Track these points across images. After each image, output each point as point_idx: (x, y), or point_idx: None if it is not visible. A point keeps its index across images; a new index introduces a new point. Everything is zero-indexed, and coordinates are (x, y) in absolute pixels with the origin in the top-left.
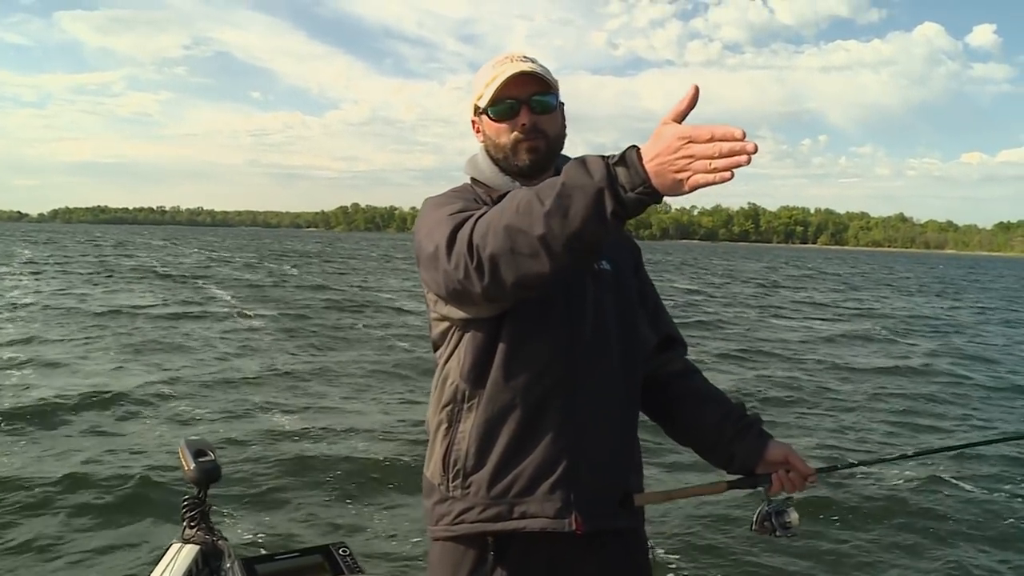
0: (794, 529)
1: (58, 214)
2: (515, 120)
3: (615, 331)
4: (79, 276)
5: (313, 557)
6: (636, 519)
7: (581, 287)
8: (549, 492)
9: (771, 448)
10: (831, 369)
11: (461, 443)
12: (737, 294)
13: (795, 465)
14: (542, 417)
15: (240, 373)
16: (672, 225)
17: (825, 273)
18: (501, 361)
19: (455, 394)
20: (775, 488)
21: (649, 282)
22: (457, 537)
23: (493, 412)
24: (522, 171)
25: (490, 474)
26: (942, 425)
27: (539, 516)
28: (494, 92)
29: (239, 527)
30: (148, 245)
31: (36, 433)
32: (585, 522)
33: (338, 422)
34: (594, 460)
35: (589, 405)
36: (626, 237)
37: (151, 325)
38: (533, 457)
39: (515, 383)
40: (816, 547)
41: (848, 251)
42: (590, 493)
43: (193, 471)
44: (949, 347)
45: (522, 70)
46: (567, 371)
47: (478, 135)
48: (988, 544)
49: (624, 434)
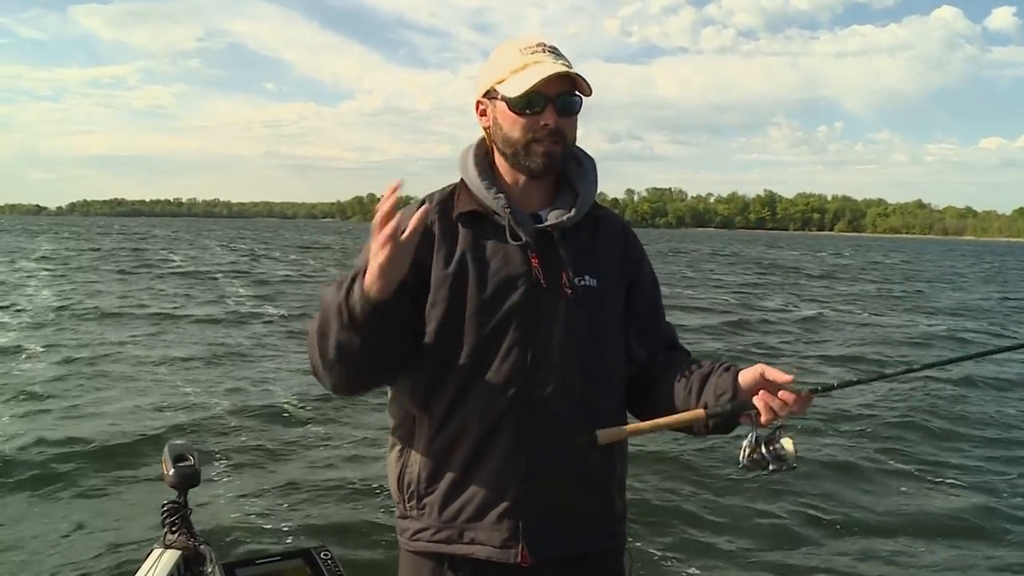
0: (790, 460)
1: (76, 207)
2: (537, 118)
3: (587, 351)
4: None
5: (294, 561)
6: (612, 541)
7: (550, 305)
8: (496, 521)
9: (743, 373)
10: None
11: (413, 465)
12: (815, 289)
13: (776, 378)
14: (493, 442)
15: (238, 372)
16: (688, 213)
17: (876, 264)
18: (452, 385)
19: (406, 416)
20: (764, 414)
21: (648, 295)
22: (416, 552)
23: (444, 436)
24: (531, 172)
25: (441, 497)
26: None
27: (486, 544)
28: (526, 85)
29: (221, 531)
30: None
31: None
32: (532, 553)
33: (321, 425)
34: (549, 488)
35: (546, 430)
36: (629, 245)
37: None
38: (482, 483)
39: (466, 407)
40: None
41: (867, 238)
42: (541, 522)
43: (172, 476)
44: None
45: (561, 72)
46: (522, 395)
47: (483, 119)
48: None
49: (591, 457)
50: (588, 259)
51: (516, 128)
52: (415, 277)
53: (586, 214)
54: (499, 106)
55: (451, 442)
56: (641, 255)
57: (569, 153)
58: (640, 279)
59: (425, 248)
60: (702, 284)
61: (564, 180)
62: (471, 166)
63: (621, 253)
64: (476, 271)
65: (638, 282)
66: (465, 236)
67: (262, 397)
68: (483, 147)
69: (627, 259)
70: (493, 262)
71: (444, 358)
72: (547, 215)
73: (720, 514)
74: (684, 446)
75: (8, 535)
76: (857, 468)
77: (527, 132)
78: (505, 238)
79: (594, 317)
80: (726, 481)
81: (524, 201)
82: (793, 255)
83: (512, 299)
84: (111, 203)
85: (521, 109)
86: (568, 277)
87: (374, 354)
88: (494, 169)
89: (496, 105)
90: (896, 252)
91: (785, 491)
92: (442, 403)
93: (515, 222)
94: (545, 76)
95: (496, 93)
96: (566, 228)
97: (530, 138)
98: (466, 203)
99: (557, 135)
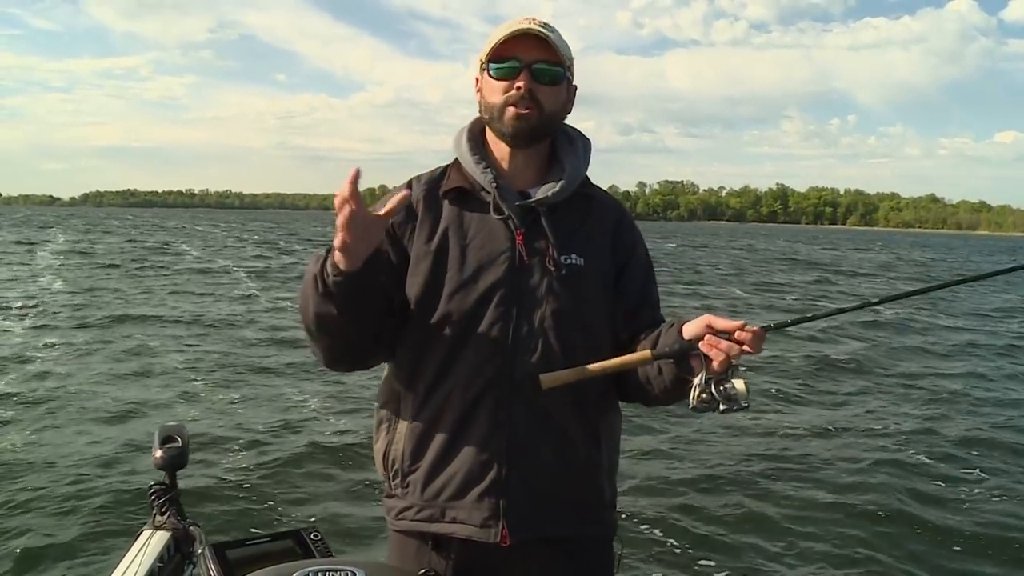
0: (741, 400)
1: (89, 198)
2: (512, 81)
3: (570, 330)
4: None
5: (284, 542)
6: (599, 527)
7: (533, 283)
8: (477, 500)
9: (688, 324)
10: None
11: (398, 443)
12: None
13: (723, 326)
14: (474, 420)
15: (229, 359)
16: (700, 206)
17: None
18: (436, 362)
19: (392, 393)
20: (715, 360)
21: (639, 280)
22: (401, 531)
23: (427, 413)
24: (505, 137)
25: (424, 475)
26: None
27: (467, 523)
28: (496, 47)
29: (211, 512)
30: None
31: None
32: (513, 533)
33: (311, 405)
34: (530, 468)
35: (527, 409)
36: (621, 228)
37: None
38: (463, 461)
39: (448, 384)
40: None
41: (879, 232)
42: (523, 502)
43: (159, 457)
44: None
45: (527, 30)
46: (503, 373)
47: (478, 94)
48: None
49: (574, 440)
50: (576, 237)
51: (494, 93)
52: (396, 253)
53: (579, 193)
54: (484, 76)
55: (433, 419)
56: (635, 240)
57: (550, 125)
58: (631, 264)
59: (407, 224)
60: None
61: (556, 159)
62: (464, 141)
63: (612, 235)
64: (458, 246)
65: (629, 267)
66: (450, 212)
67: (259, 380)
68: (478, 125)
69: (618, 241)
70: (476, 238)
71: (427, 334)
72: (535, 193)
73: (712, 501)
74: (681, 436)
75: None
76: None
77: (502, 95)
78: (490, 214)
79: (578, 296)
80: (723, 474)
81: (513, 178)
82: (837, 253)
83: (494, 275)
84: (124, 194)
85: (498, 74)
86: (552, 254)
87: (350, 323)
88: (486, 147)
89: (483, 75)
90: (925, 248)
91: (785, 481)
92: (425, 380)
93: (500, 197)
94: (512, 32)
95: (483, 63)
96: (554, 205)
97: (504, 101)
98: (454, 180)
99: (531, 100)
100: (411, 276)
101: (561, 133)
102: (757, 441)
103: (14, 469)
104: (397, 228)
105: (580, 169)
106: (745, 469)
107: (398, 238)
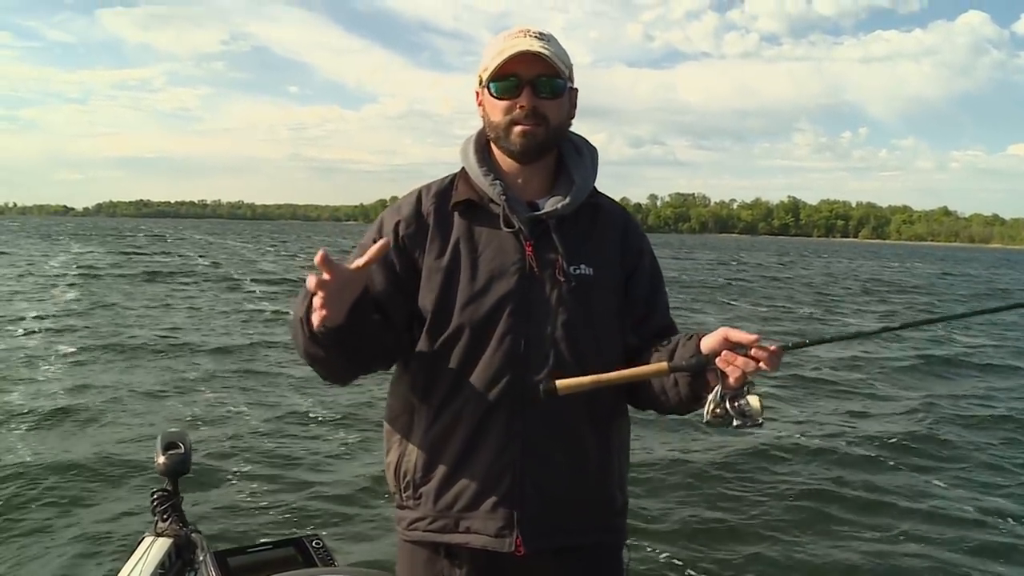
0: (755, 417)
1: (102, 208)
2: (515, 100)
3: (582, 340)
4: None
5: (286, 549)
6: (611, 535)
7: (544, 294)
8: (491, 510)
9: (707, 337)
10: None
11: (411, 455)
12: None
13: (740, 339)
14: (487, 431)
15: (232, 365)
16: (711, 219)
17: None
18: (448, 374)
19: (403, 406)
20: (731, 375)
21: (646, 286)
22: (414, 542)
23: (440, 425)
24: (513, 154)
25: (437, 487)
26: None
27: (481, 533)
28: (497, 66)
29: (213, 519)
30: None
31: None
32: (527, 543)
33: (314, 413)
34: (544, 477)
35: (541, 418)
36: (629, 235)
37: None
38: (477, 472)
39: (461, 396)
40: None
41: (891, 245)
42: (537, 512)
43: (161, 464)
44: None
45: (527, 49)
46: (515, 384)
47: (480, 109)
48: None
49: (588, 448)
50: (584, 247)
51: (496, 111)
52: (405, 266)
53: (586, 203)
54: (485, 93)
55: (447, 431)
56: (642, 247)
57: (557, 136)
58: (639, 270)
59: (418, 239)
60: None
61: (563, 169)
62: (471, 153)
63: (620, 243)
64: (469, 260)
65: (636, 273)
66: (459, 225)
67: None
68: (484, 136)
69: (626, 249)
70: (487, 251)
71: (441, 347)
72: (544, 204)
73: (721, 511)
74: (693, 449)
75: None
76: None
77: (506, 115)
78: (500, 227)
79: (589, 306)
80: (730, 482)
81: (521, 190)
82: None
83: (505, 287)
84: (137, 204)
85: (500, 92)
86: (562, 265)
87: (342, 356)
88: (492, 158)
89: (484, 92)
90: (941, 261)
91: (793, 495)
92: (439, 392)
93: (510, 209)
94: (508, 55)
95: (483, 81)
96: (562, 216)
97: (509, 120)
98: (463, 192)
99: (536, 116)
100: (424, 290)
101: (567, 142)
102: (763, 449)
103: (16, 474)
104: (407, 241)
105: (589, 180)
106: (750, 476)
107: (408, 251)
